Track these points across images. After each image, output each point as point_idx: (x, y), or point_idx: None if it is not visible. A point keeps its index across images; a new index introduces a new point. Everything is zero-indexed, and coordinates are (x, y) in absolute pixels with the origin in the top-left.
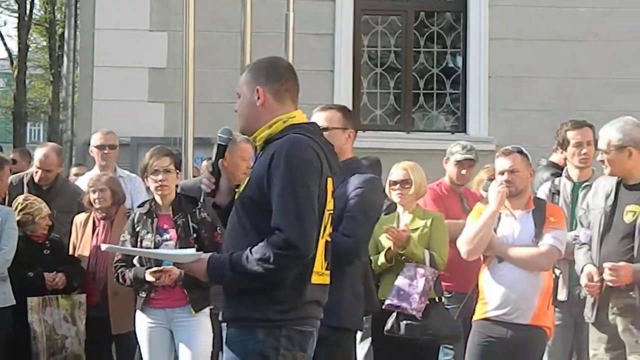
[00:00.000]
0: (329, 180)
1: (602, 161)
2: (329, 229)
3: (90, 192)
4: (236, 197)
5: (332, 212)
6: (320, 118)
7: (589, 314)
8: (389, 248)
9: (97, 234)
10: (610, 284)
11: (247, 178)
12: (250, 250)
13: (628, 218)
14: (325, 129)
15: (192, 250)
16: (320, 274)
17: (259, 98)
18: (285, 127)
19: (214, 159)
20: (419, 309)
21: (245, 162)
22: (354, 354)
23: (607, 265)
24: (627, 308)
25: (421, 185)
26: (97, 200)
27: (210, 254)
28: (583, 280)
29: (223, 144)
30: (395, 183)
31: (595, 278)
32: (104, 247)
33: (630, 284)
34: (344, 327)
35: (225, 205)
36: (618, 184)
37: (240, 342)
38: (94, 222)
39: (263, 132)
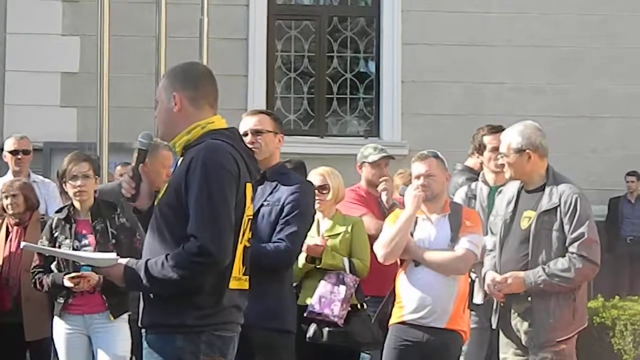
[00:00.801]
0: (248, 186)
1: (503, 165)
2: (247, 235)
3: (3, 198)
4: (155, 203)
5: (251, 217)
6: (252, 121)
7: (493, 320)
8: (305, 259)
9: (10, 240)
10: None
11: (166, 185)
12: (167, 256)
13: (524, 224)
14: (259, 132)
15: (112, 255)
16: (237, 279)
17: (175, 104)
18: (204, 133)
19: (134, 163)
20: (341, 316)
21: (165, 169)
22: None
23: (489, 277)
24: (527, 312)
25: (339, 189)
26: (9, 206)
27: (128, 259)
28: (487, 287)
29: (143, 148)
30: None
31: (490, 288)
32: (23, 244)
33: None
34: (288, 330)
35: (146, 210)
36: (520, 189)
37: (159, 349)
38: (7, 228)
39: (182, 138)
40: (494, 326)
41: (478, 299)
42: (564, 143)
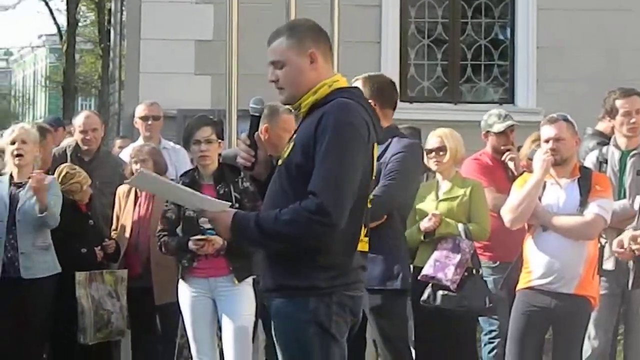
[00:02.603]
0: (375, 146)
1: (635, 128)
2: (370, 196)
3: (133, 163)
4: (279, 163)
5: (374, 178)
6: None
7: (630, 281)
8: (423, 233)
9: (140, 205)
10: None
11: (292, 144)
12: (280, 210)
13: None
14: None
15: (227, 203)
16: (361, 241)
17: (312, 61)
18: (331, 92)
19: (249, 131)
20: (454, 280)
21: (287, 134)
22: None
23: (626, 235)
24: None
25: (457, 151)
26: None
27: (237, 210)
28: (614, 247)
29: (257, 114)
30: (430, 151)
31: (625, 244)
32: (129, 180)
33: None
34: (404, 289)
35: (264, 178)
36: None
37: (291, 312)
38: (135, 193)
39: (308, 98)
40: (629, 287)
41: (609, 264)
42: None
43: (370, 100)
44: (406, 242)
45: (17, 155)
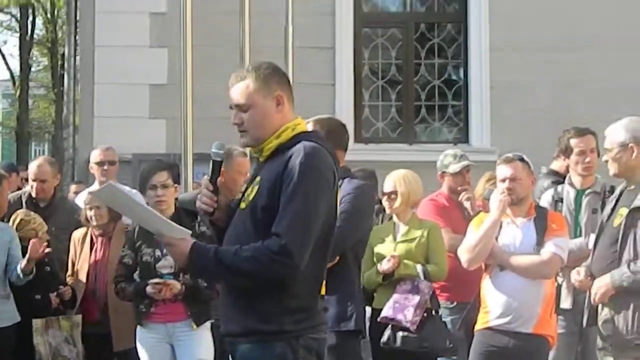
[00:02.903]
0: (338, 190)
1: (590, 167)
2: None
3: (87, 209)
4: (242, 207)
5: None
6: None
7: (584, 320)
8: (382, 275)
9: (96, 251)
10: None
11: (257, 187)
12: (241, 247)
13: (616, 222)
14: None
15: (188, 232)
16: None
17: (278, 104)
18: (294, 135)
19: (210, 176)
20: (414, 322)
21: (242, 177)
22: None
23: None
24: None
25: (409, 195)
26: (93, 217)
27: (195, 239)
28: (573, 277)
29: (219, 159)
30: (384, 194)
31: (581, 276)
32: (93, 192)
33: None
34: (358, 330)
35: (224, 223)
36: (623, 189)
37: (257, 357)
38: (91, 238)
39: (272, 142)
40: (584, 325)
41: (566, 303)
42: None
43: None
44: (359, 282)
45: None
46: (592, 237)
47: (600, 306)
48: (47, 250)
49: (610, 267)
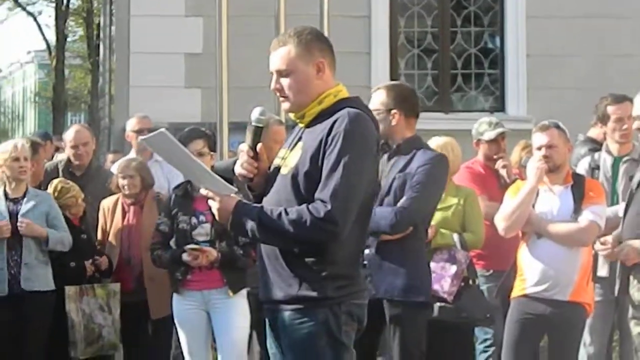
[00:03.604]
0: (379, 159)
1: (627, 134)
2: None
3: (120, 178)
4: (283, 172)
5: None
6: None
7: (615, 288)
8: None
9: (128, 219)
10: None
11: (300, 153)
12: (285, 210)
13: None
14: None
15: (234, 189)
16: None
17: (319, 71)
18: (337, 102)
19: (251, 142)
20: (451, 292)
21: (277, 145)
22: None
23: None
24: None
25: (454, 160)
26: (126, 187)
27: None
28: (597, 246)
29: (260, 125)
30: None
31: (608, 245)
32: (144, 137)
33: None
34: (427, 302)
35: (261, 189)
36: None
37: (301, 325)
38: (123, 207)
39: (314, 107)
40: (616, 294)
41: (603, 271)
42: None
43: (394, 110)
44: (425, 252)
45: (13, 171)
46: (622, 205)
47: (631, 276)
48: None
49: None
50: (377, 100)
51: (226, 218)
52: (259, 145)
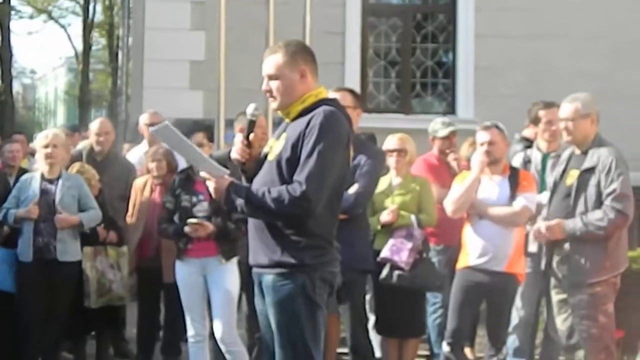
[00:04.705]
0: (350, 149)
1: (554, 134)
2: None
3: (149, 162)
4: (269, 158)
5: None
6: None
7: (541, 264)
8: (382, 224)
9: (154, 197)
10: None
11: (283, 142)
12: (268, 189)
13: (568, 181)
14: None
15: (226, 171)
16: None
17: (302, 77)
18: (317, 101)
19: (246, 132)
20: (408, 263)
21: (262, 133)
22: None
23: (535, 226)
24: (565, 257)
25: (413, 154)
26: (154, 169)
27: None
28: (533, 233)
29: (254, 119)
30: (392, 151)
31: (543, 230)
32: (153, 129)
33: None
34: (370, 270)
35: (253, 172)
36: (570, 154)
37: (282, 287)
38: (151, 187)
39: (297, 106)
40: (542, 268)
41: (533, 247)
42: (614, 122)
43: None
44: (369, 227)
45: (50, 156)
46: (545, 194)
47: (554, 253)
48: None
49: (565, 218)
50: None
51: (220, 196)
52: (252, 135)
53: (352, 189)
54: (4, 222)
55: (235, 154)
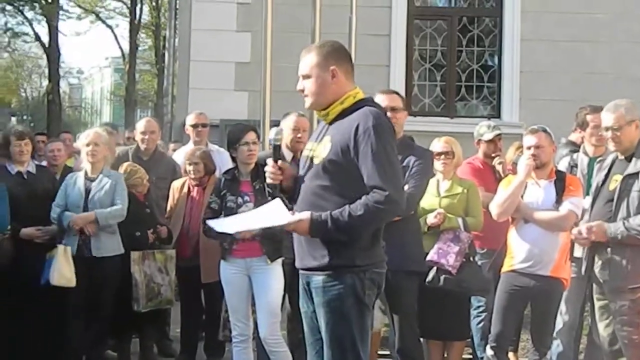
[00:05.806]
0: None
1: (602, 139)
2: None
3: (187, 164)
4: (315, 162)
5: None
6: (385, 99)
7: (582, 269)
8: (428, 227)
9: (192, 198)
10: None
11: (329, 145)
12: (350, 207)
13: (611, 186)
14: (394, 109)
15: (283, 209)
16: None
17: (333, 77)
18: (356, 102)
19: (273, 157)
20: (455, 266)
21: (305, 133)
22: None
23: (576, 229)
24: (606, 262)
25: (460, 156)
26: (192, 171)
27: (310, 212)
28: (573, 236)
29: (278, 144)
30: (440, 154)
31: (584, 233)
32: (211, 222)
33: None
34: (421, 271)
35: (291, 190)
36: (614, 159)
37: (332, 287)
38: (189, 188)
39: (336, 107)
40: (582, 273)
41: (578, 252)
42: None
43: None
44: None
45: (92, 155)
46: (588, 199)
47: (595, 257)
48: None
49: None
50: None
51: (306, 234)
52: (280, 162)
53: None
54: (59, 224)
55: (269, 180)
